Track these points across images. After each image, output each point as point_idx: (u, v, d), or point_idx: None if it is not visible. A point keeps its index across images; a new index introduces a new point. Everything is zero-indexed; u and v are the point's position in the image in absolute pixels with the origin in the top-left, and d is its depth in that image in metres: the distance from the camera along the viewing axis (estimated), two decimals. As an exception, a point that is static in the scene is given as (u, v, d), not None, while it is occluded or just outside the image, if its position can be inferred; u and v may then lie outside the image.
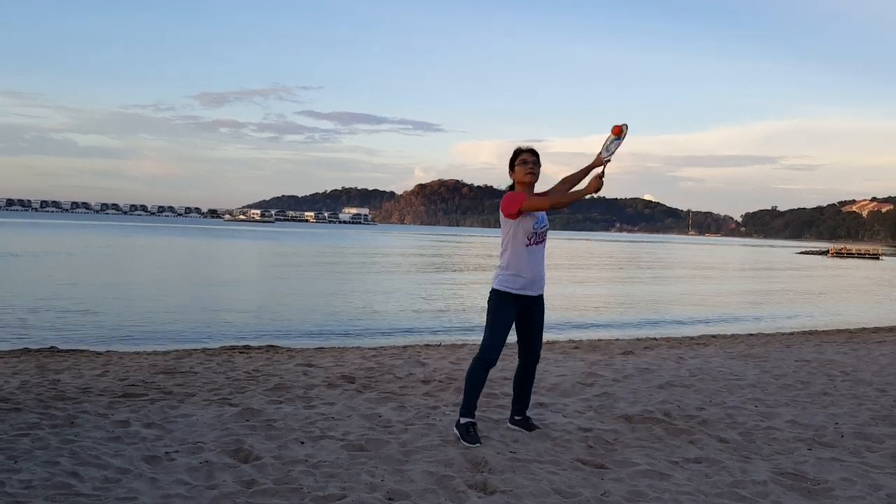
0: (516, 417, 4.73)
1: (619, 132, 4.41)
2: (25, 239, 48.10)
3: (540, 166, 4.46)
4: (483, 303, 4.76)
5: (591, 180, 4.31)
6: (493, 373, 6.77)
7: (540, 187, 4.49)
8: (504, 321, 4.41)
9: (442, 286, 23.45)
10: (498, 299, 4.41)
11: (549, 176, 4.63)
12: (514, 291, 4.38)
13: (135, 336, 11.14)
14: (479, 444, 4.24)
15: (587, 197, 4.70)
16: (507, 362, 7.49)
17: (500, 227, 4.51)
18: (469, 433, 4.32)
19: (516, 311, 4.43)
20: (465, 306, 17.34)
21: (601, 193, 4.36)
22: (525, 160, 4.40)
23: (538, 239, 4.41)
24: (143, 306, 15.05)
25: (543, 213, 4.45)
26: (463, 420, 4.40)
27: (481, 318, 4.75)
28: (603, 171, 4.36)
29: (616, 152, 4.42)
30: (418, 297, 19.30)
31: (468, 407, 4.42)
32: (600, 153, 4.45)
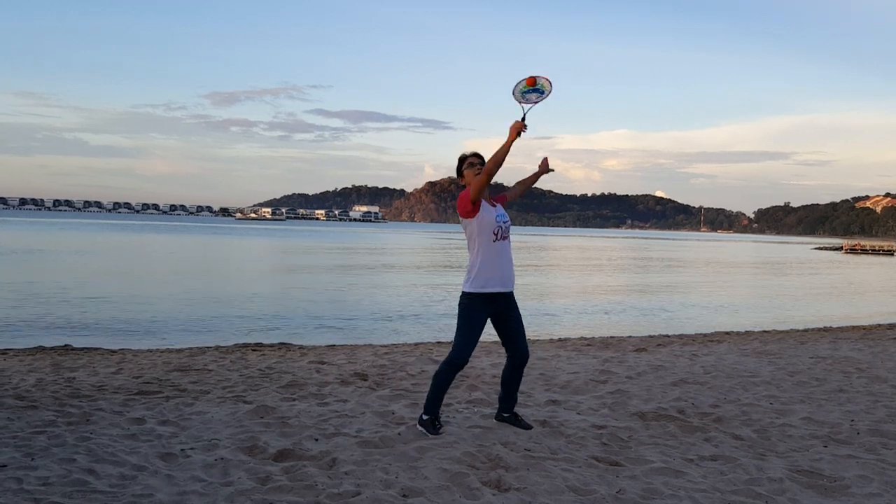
0: (504, 415, 4.73)
1: (532, 83, 4.37)
2: (41, 238, 48.51)
3: None
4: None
5: (511, 128, 4.19)
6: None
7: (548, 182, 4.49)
8: (477, 324, 4.39)
9: (453, 284, 23.43)
10: (470, 301, 4.38)
11: (559, 173, 4.64)
12: (486, 291, 4.36)
13: (149, 334, 11.21)
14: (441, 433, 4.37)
15: (536, 180, 4.83)
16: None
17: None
18: (434, 426, 4.44)
19: (490, 311, 4.42)
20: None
21: (611, 189, 4.34)
22: (472, 163, 4.45)
23: (504, 234, 4.40)
24: (156, 304, 15.14)
25: (502, 209, 4.49)
26: (426, 416, 4.48)
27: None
28: (524, 118, 4.26)
29: (534, 107, 4.32)
30: (430, 294, 19.30)
31: (434, 404, 4.48)
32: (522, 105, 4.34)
